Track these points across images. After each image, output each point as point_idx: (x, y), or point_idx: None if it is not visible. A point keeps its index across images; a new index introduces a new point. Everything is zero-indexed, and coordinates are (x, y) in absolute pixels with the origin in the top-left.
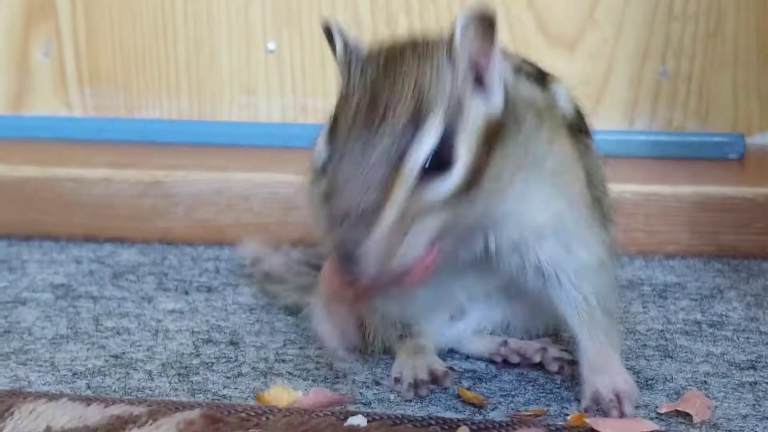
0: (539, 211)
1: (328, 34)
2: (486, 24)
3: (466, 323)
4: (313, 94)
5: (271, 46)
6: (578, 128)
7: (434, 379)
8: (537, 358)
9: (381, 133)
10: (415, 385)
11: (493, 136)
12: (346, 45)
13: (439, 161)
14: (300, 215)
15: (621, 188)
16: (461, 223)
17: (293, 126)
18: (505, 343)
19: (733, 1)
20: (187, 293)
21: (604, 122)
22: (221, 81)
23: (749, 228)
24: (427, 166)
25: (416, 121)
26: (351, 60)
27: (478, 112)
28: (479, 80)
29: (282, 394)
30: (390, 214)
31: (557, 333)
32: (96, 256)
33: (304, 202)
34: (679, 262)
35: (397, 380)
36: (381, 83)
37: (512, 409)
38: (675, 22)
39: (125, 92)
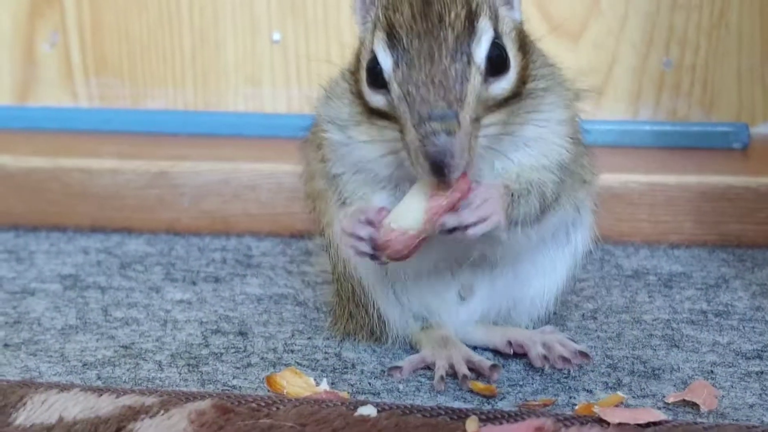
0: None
1: None
2: None
3: (473, 306)
4: (319, 85)
5: (276, 36)
6: None
7: (479, 372)
8: (539, 364)
9: (445, 34)
10: (454, 375)
11: (525, 48)
12: None
13: (498, 65)
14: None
15: (625, 178)
16: (515, 126)
17: (298, 116)
18: (509, 344)
19: None
20: (194, 283)
21: (608, 112)
22: (226, 72)
23: (753, 217)
24: (489, 65)
25: (472, 23)
26: None
27: (509, 20)
28: None
29: (294, 378)
30: (469, 108)
31: (563, 321)
32: (103, 246)
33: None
34: (683, 251)
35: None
36: None
37: (520, 399)
38: (679, 12)
39: (131, 83)
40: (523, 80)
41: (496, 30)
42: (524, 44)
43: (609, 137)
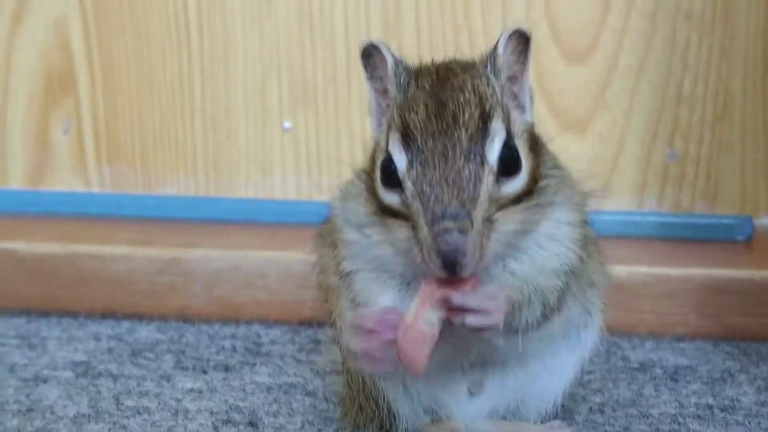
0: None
1: (367, 55)
2: (523, 40)
3: (483, 401)
4: (328, 173)
5: (287, 125)
6: None
7: None
8: None
9: (459, 135)
10: None
11: (536, 149)
12: (396, 61)
13: (510, 165)
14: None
15: (630, 269)
16: (527, 226)
17: (308, 203)
18: None
19: (740, 85)
20: (205, 372)
21: (613, 203)
22: (238, 159)
23: (758, 310)
24: (501, 166)
25: (485, 124)
26: (400, 74)
27: (520, 122)
28: (514, 95)
29: None
30: (482, 208)
31: (571, 414)
32: (114, 332)
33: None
34: (689, 344)
35: None
36: (443, 92)
37: None
38: (683, 105)
39: (143, 169)
40: (534, 179)
41: (508, 131)
42: (535, 145)
43: (613, 228)
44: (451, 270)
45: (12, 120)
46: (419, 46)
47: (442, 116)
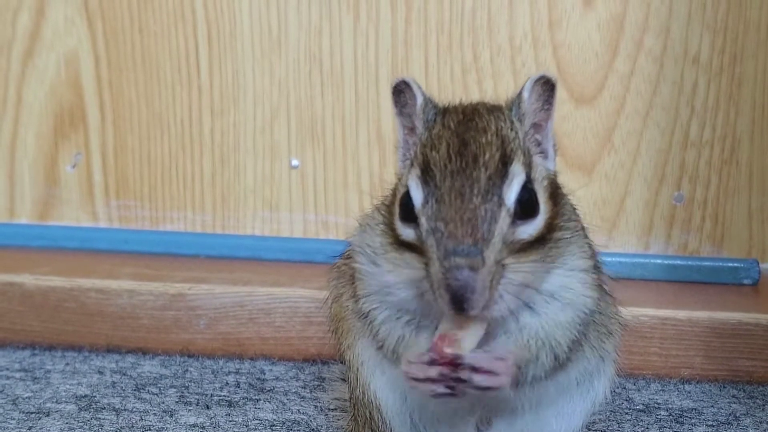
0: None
1: (398, 91)
2: (548, 87)
3: None
4: (335, 211)
5: (295, 162)
6: None
7: None
8: None
9: (477, 174)
10: None
11: (557, 199)
12: (425, 99)
13: (527, 209)
14: (320, 330)
15: (636, 311)
16: (538, 276)
17: (315, 241)
18: None
19: (747, 129)
20: (208, 407)
21: (619, 245)
22: (245, 195)
23: (764, 354)
24: (518, 208)
25: (505, 165)
26: (428, 112)
27: (542, 168)
28: (537, 142)
29: None
30: (495, 248)
31: None
32: (118, 367)
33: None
34: (694, 386)
35: None
36: (466, 132)
37: None
38: (691, 148)
39: (151, 204)
40: (550, 228)
41: (528, 175)
42: (555, 194)
43: (620, 270)
44: (459, 306)
45: (21, 154)
46: (428, 86)
47: (463, 155)
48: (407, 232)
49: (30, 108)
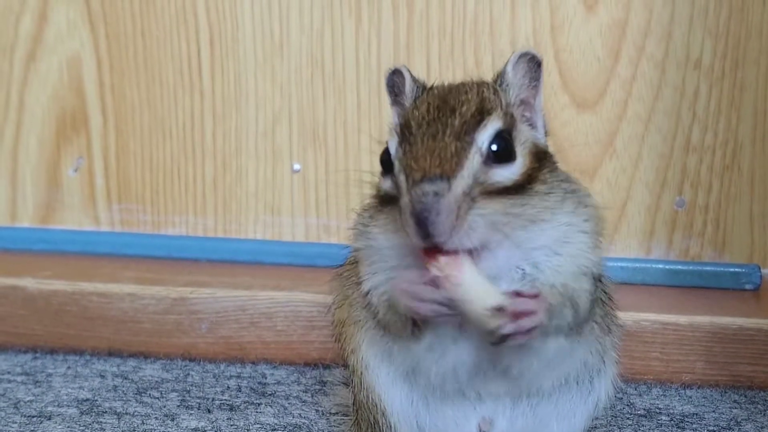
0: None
1: (391, 81)
2: (534, 64)
3: None
4: (337, 215)
5: (297, 166)
6: None
7: None
8: None
9: (452, 121)
10: None
11: (541, 159)
12: (413, 79)
13: (502, 153)
14: (321, 334)
15: (637, 316)
16: (513, 222)
17: (317, 245)
18: None
19: (749, 134)
20: (209, 411)
21: (621, 250)
22: (247, 200)
23: (765, 359)
24: (492, 150)
25: (481, 114)
26: (416, 90)
27: (528, 133)
28: (526, 118)
29: None
30: (462, 180)
31: None
32: (120, 371)
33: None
34: (696, 391)
35: None
36: (448, 94)
37: None
38: (692, 153)
39: (152, 209)
40: (531, 179)
41: (508, 128)
42: (540, 155)
43: (621, 275)
44: (425, 231)
45: (23, 158)
46: None
47: (441, 109)
48: (387, 184)
49: (32, 112)
